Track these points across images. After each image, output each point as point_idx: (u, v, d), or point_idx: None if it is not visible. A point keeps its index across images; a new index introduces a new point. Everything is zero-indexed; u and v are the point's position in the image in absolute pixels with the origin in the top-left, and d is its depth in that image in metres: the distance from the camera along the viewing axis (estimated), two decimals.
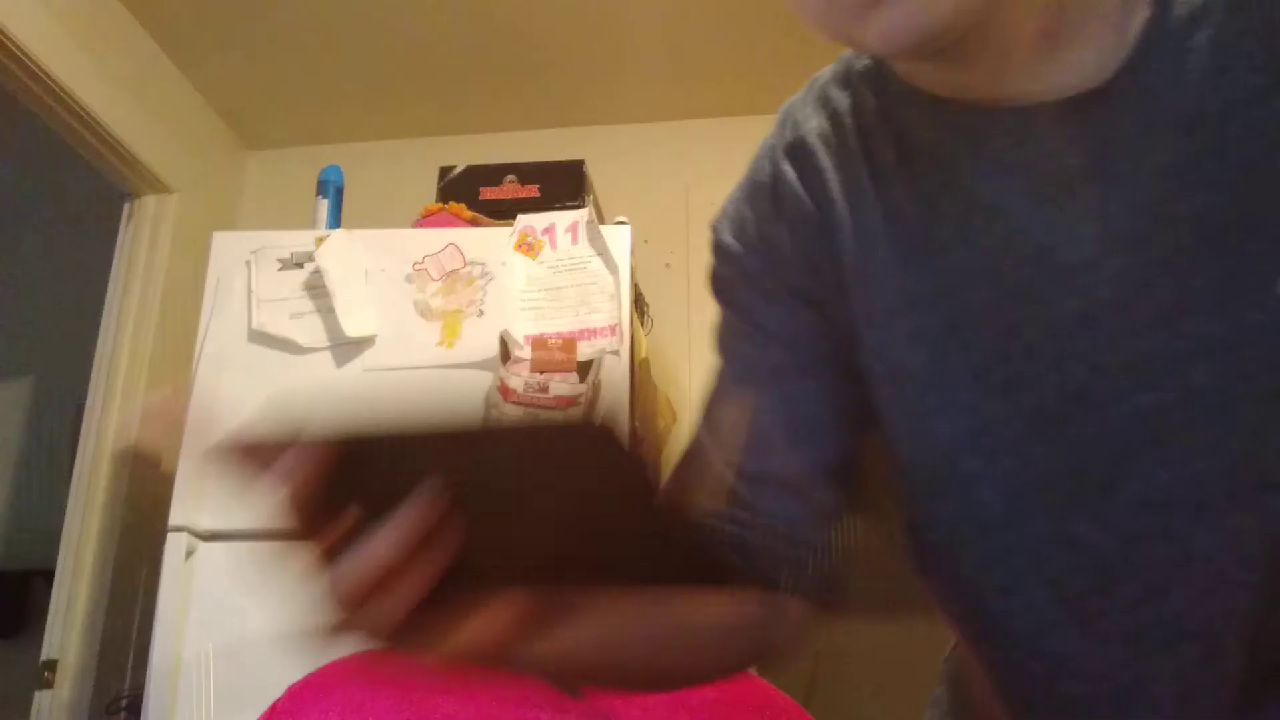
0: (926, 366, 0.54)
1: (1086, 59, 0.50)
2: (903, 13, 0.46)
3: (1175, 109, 0.49)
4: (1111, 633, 0.52)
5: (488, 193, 2.07)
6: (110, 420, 2.19)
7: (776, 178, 0.62)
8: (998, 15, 0.49)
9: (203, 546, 1.67)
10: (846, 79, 0.61)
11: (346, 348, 1.77)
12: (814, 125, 0.61)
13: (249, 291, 1.82)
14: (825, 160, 0.59)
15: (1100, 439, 0.50)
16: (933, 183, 0.55)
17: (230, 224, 2.60)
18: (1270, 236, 0.47)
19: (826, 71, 0.63)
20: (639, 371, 1.85)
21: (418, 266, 1.83)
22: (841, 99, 0.60)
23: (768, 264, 0.61)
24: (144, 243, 2.32)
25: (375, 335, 1.78)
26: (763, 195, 0.62)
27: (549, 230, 1.84)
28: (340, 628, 0.40)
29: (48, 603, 2.07)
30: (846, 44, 0.51)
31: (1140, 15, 0.50)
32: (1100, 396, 0.50)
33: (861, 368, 0.59)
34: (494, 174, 2.09)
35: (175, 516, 1.67)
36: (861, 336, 0.57)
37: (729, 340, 0.64)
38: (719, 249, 0.64)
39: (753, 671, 0.88)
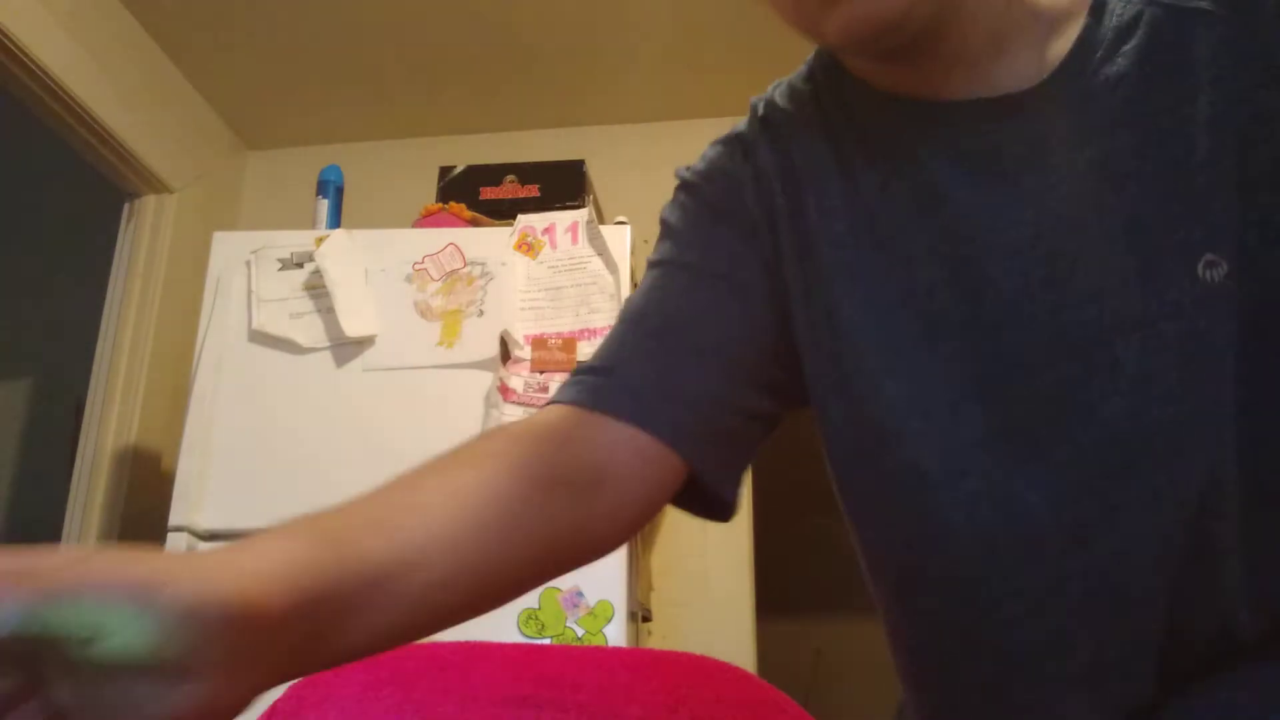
0: (876, 331, 0.59)
1: (1026, 62, 0.57)
2: (862, 5, 0.51)
3: (1104, 110, 0.55)
4: (1036, 585, 0.54)
5: (488, 193, 2.07)
6: (110, 420, 2.19)
7: (747, 136, 0.67)
8: (949, 23, 0.55)
9: (203, 546, 1.67)
10: (809, 75, 0.67)
11: (346, 348, 1.78)
12: (782, 106, 0.66)
13: (249, 291, 1.82)
14: (791, 135, 0.64)
15: (1031, 404, 0.55)
16: (886, 168, 0.60)
17: (230, 224, 2.60)
18: (1188, 226, 0.53)
19: (791, 75, 0.69)
20: None
21: (418, 266, 1.83)
22: (805, 90, 0.66)
23: (725, 191, 0.65)
24: (144, 243, 2.32)
25: (375, 335, 1.78)
26: (733, 144, 0.67)
27: (549, 230, 1.85)
28: None
29: None
30: (811, 35, 0.56)
31: (1075, 25, 0.57)
32: (1032, 365, 0.55)
33: (802, 323, 0.62)
34: (494, 174, 2.09)
35: (175, 516, 1.67)
36: (829, 290, 0.60)
37: (666, 255, 0.66)
38: (679, 186, 0.68)
39: (752, 673, 0.88)
